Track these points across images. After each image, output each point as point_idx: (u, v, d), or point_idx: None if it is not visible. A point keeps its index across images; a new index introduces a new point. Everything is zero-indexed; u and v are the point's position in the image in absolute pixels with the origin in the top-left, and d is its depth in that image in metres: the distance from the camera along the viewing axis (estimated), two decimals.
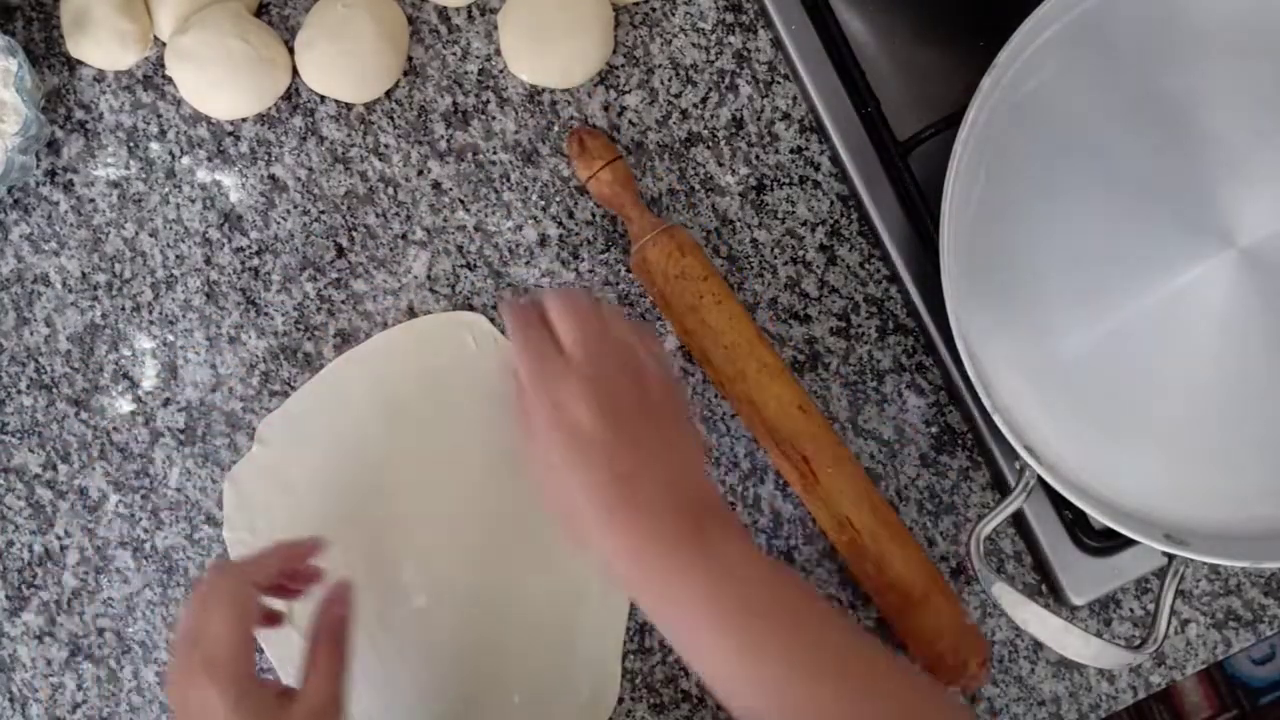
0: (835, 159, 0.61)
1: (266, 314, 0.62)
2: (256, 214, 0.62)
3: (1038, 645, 0.59)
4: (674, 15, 0.62)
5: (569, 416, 0.44)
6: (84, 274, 0.62)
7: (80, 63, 0.62)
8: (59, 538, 0.61)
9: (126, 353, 0.62)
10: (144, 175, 0.62)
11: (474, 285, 0.61)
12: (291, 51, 0.62)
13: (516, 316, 0.47)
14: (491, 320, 0.61)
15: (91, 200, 0.62)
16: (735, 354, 0.57)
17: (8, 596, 0.61)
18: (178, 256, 0.62)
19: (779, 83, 0.62)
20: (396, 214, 0.62)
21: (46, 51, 0.63)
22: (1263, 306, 0.52)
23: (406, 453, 0.59)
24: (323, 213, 0.62)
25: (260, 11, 0.63)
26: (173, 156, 0.62)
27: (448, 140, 0.62)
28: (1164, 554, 0.51)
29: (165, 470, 0.61)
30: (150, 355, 0.62)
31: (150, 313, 0.62)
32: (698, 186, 0.62)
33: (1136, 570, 0.58)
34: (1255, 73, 0.52)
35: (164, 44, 0.62)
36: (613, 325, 0.47)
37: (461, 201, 0.62)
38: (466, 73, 0.62)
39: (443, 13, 0.63)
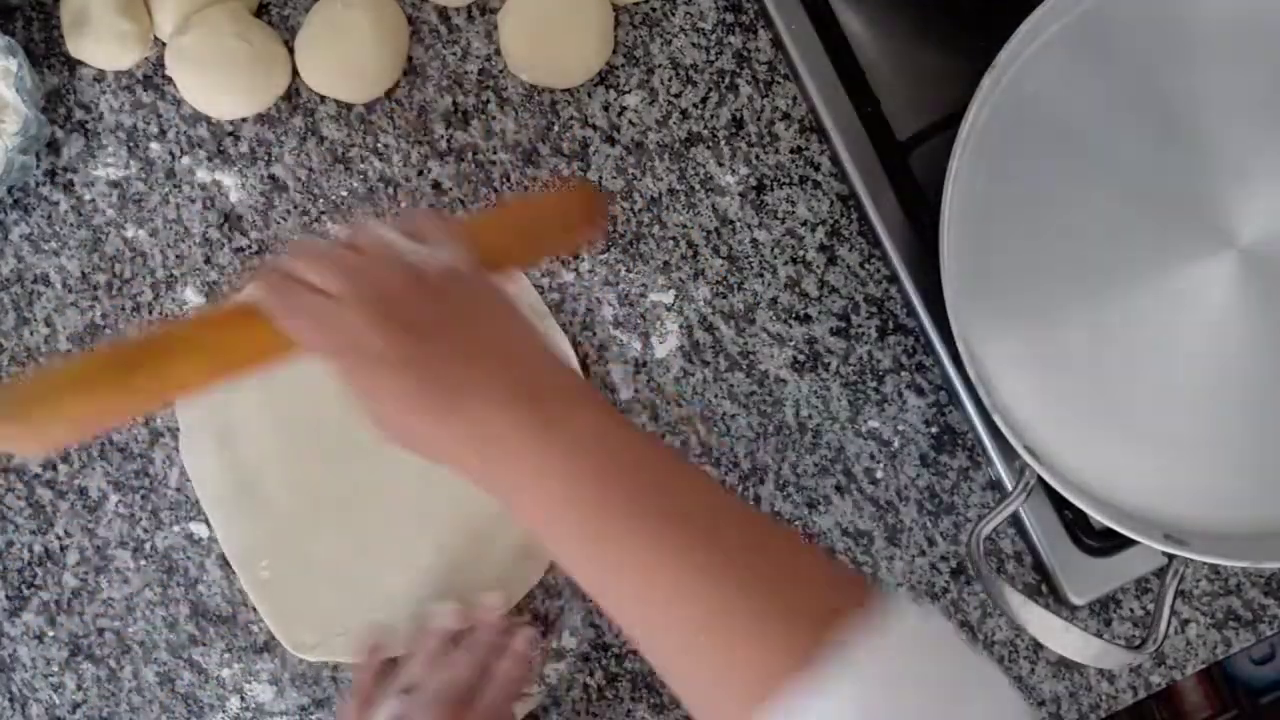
0: (835, 159, 0.61)
1: None
2: (256, 214, 0.62)
3: (1038, 645, 0.59)
4: (674, 15, 0.62)
5: (349, 342, 0.40)
6: (84, 274, 0.62)
7: (80, 63, 0.62)
8: (59, 538, 0.61)
9: None
10: (144, 175, 0.62)
11: None
12: (291, 51, 0.62)
13: (262, 285, 0.43)
14: None
15: (91, 200, 0.62)
16: None
17: (8, 596, 0.61)
18: (178, 256, 0.62)
19: (779, 83, 0.62)
20: (397, 214, 0.62)
21: (46, 51, 0.63)
22: (1263, 306, 0.52)
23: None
24: (323, 213, 0.62)
25: (260, 11, 0.63)
26: (173, 156, 0.62)
27: (448, 140, 0.62)
28: (1164, 554, 0.51)
29: (165, 470, 0.61)
30: None
31: (150, 313, 0.62)
32: (698, 186, 0.62)
33: (1136, 570, 0.58)
34: (1255, 73, 0.52)
35: (164, 44, 0.62)
36: (360, 235, 0.43)
37: (461, 201, 0.62)
38: (466, 73, 0.62)
39: (443, 13, 0.63)
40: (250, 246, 0.62)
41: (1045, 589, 0.60)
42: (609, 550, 0.37)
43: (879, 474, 0.60)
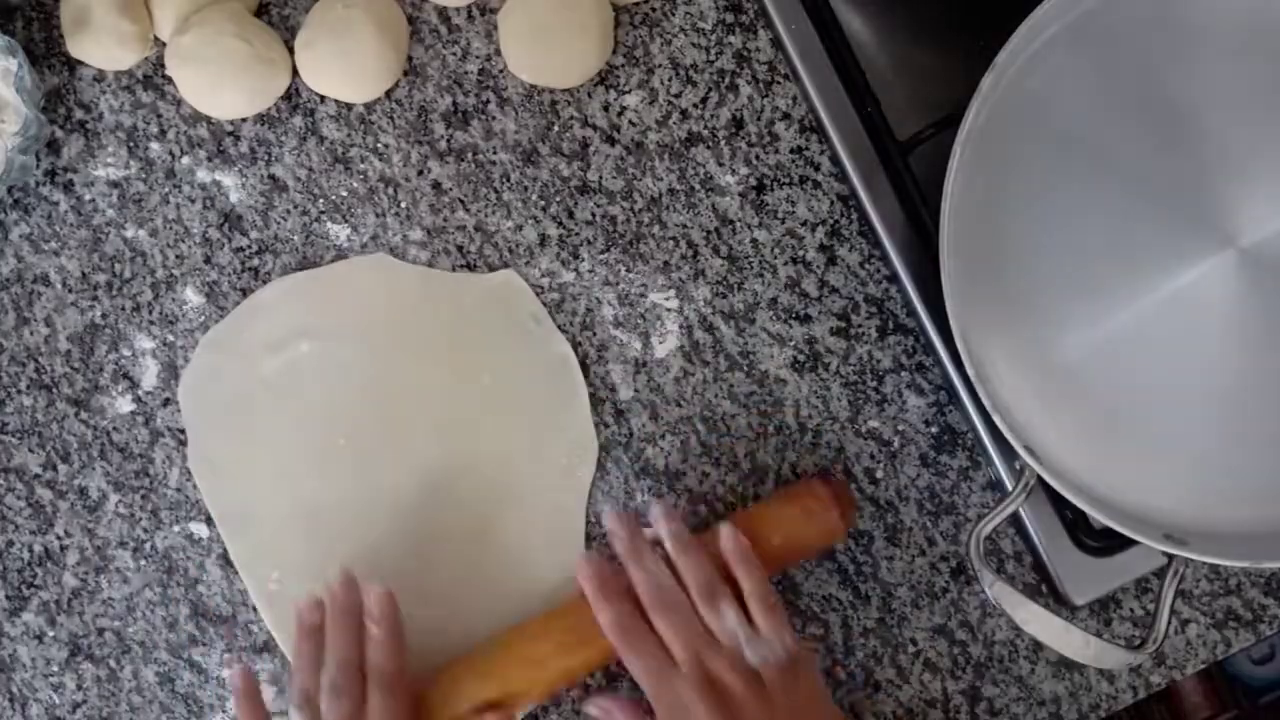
0: (835, 159, 0.61)
1: None
2: (256, 214, 0.62)
3: (1038, 645, 0.59)
4: (674, 15, 0.62)
5: (675, 714, 0.48)
6: (84, 274, 0.62)
7: (80, 63, 0.62)
8: (59, 538, 0.61)
9: (126, 353, 0.62)
10: (144, 175, 0.62)
11: None
12: (291, 51, 0.62)
13: (616, 619, 0.50)
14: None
15: (91, 200, 0.62)
16: None
17: (8, 596, 0.61)
18: (178, 256, 0.62)
19: (779, 83, 0.62)
20: (396, 214, 0.62)
21: (46, 51, 0.63)
22: (1263, 306, 0.52)
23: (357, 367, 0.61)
24: (323, 213, 0.62)
25: (260, 11, 0.63)
26: (173, 156, 0.62)
27: (448, 140, 0.62)
28: (1164, 554, 0.51)
29: (165, 470, 0.61)
30: (150, 355, 0.62)
31: (150, 313, 0.62)
32: (698, 186, 0.62)
33: (1136, 570, 0.58)
34: (1255, 73, 0.52)
35: (164, 44, 0.62)
36: (712, 616, 0.50)
37: (461, 201, 0.62)
38: (466, 73, 0.62)
39: (443, 13, 0.63)
40: (250, 246, 0.62)
41: (1045, 589, 0.60)
42: None
43: (879, 474, 0.60)
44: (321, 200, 0.62)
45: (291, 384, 0.60)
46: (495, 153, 0.62)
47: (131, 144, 0.62)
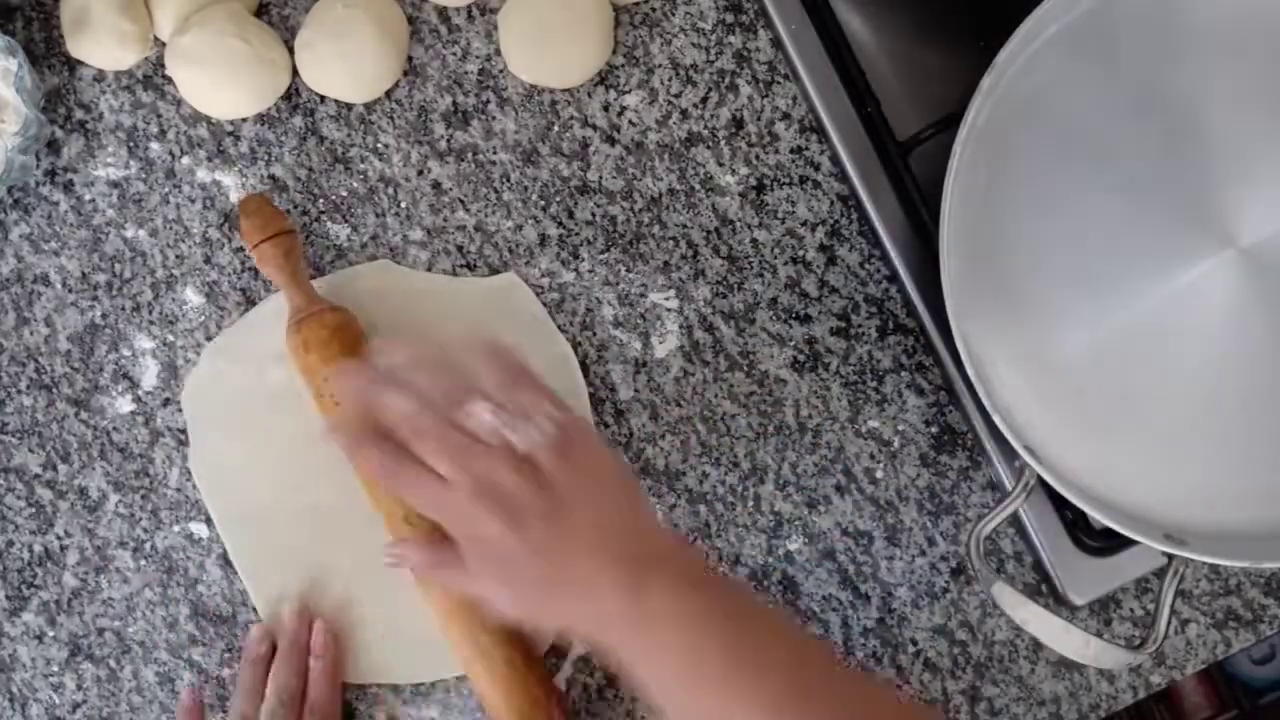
0: (835, 159, 0.61)
1: None
2: None
3: (1038, 645, 0.59)
4: (674, 15, 0.62)
5: (473, 533, 0.46)
6: (84, 274, 0.62)
7: (80, 63, 0.62)
8: (59, 538, 0.61)
9: (126, 353, 0.62)
10: (144, 175, 0.62)
11: None
12: (291, 51, 0.62)
13: (379, 464, 0.48)
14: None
15: (91, 200, 0.62)
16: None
17: (8, 596, 0.61)
18: (178, 256, 0.62)
19: (779, 83, 0.62)
20: (396, 214, 0.62)
21: (46, 51, 0.63)
22: (1263, 306, 0.52)
23: None
24: (323, 213, 0.62)
25: (260, 11, 0.63)
26: (173, 156, 0.62)
27: (448, 140, 0.62)
28: (1164, 554, 0.51)
29: (165, 470, 0.61)
30: (150, 355, 0.62)
31: (150, 313, 0.62)
32: (698, 186, 0.62)
33: (1136, 570, 0.58)
34: (1256, 73, 0.52)
35: (164, 44, 0.62)
36: (468, 418, 0.47)
37: (461, 201, 0.62)
38: (466, 73, 0.62)
39: (443, 13, 0.63)
40: None
41: (1045, 589, 0.60)
42: (713, 711, 0.44)
43: (879, 474, 0.60)
44: (321, 200, 0.62)
45: (296, 392, 0.60)
46: (495, 153, 0.62)
47: (131, 144, 0.62)
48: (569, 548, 0.45)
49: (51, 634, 0.61)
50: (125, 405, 0.61)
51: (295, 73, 0.62)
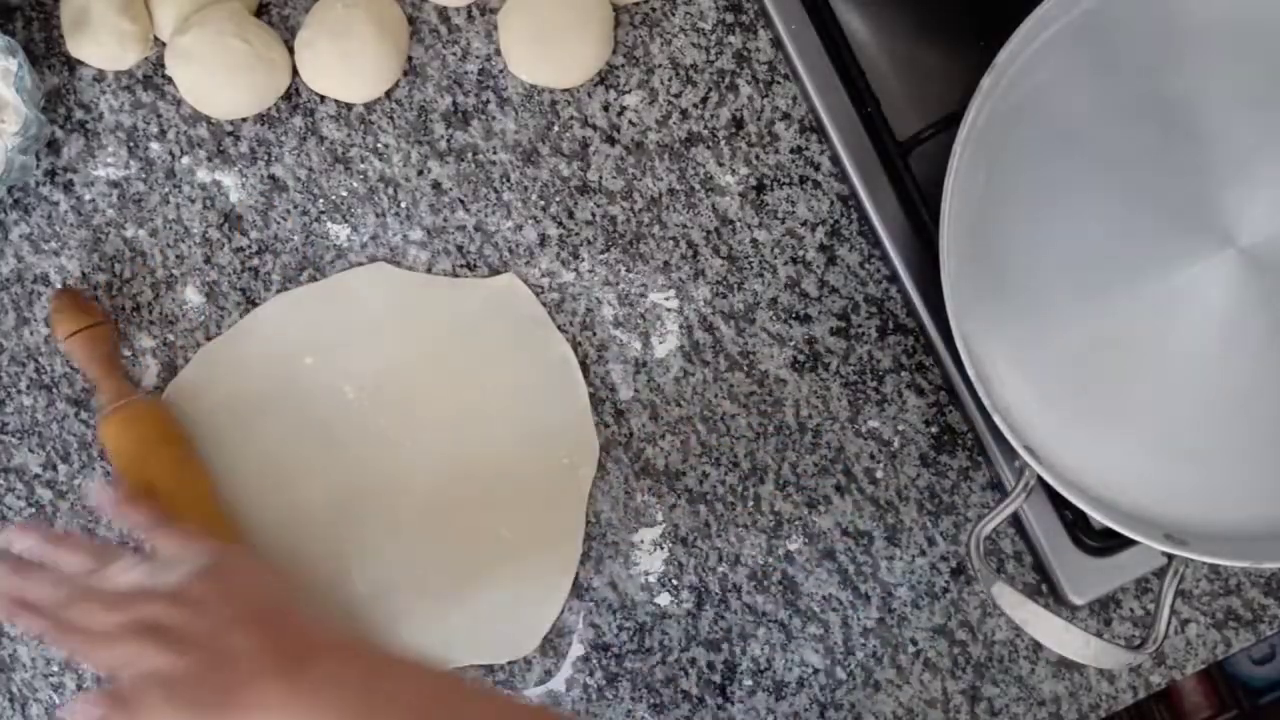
0: (835, 159, 0.61)
1: None
2: (256, 214, 0.62)
3: (1038, 645, 0.60)
4: (674, 15, 0.62)
5: (142, 670, 0.47)
6: (84, 274, 0.62)
7: (80, 63, 0.62)
8: None
9: (126, 353, 0.62)
10: (144, 175, 0.62)
11: None
12: (291, 51, 0.62)
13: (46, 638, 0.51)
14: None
15: (91, 200, 0.62)
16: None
17: None
18: (178, 256, 0.62)
19: (779, 83, 0.62)
20: (396, 214, 0.62)
21: (46, 51, 0.63)
22: (1262, 306, 0.52)
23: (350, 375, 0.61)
24: (323, 213, 0.62)
25: (260, 11, 0.63)
26: (173, 156, 0.62)
27: (448, 140, 0.62)
28: (1164, 554, 0.51)
29: None
30: (150, 355, 0.62)
31: (150, 313, 0.62)
32: (698, 186, 0.62)
33: (1136, 570, 0.58)
34: (1256, 73, 0.52)
35: (164, 44, 0.62)
36: (120, 600, 0.49)
37: (461, 201, 0.62)
38: (466, 73, 0.62)
39: (443, 13, 0.63)
40: (250, 246, 0.62)
41: (1045, 589, 0.60)
42: None
43: (879, 474, 0.60)
44: (321, 200, 0.62)
45: (293, 396, 0.60)
46: (495, 153, 0.62)
47: (131, 144, 0.62)
48: (231, 659, 0.47)
49: None
50: None
51: (295, 73, 0.62)
